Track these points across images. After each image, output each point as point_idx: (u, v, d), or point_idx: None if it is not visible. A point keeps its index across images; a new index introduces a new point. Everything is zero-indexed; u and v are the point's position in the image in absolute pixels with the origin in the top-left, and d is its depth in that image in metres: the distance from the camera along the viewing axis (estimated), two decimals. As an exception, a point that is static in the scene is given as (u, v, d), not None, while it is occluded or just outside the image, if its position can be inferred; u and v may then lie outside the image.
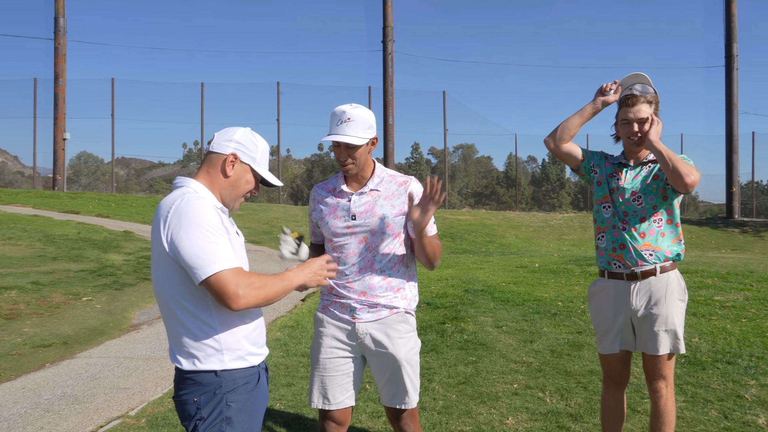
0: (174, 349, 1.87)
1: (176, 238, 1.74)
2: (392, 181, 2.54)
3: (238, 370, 1.84)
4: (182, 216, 1.75)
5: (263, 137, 2.02)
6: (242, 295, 1.72)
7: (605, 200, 2.86)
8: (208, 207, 1.80)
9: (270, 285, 1.80)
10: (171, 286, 1.81)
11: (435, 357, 5.14)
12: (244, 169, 1.95)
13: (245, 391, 1.85)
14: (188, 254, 1.72)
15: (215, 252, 1.72)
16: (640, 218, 2.77)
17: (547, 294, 7.65)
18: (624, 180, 2.83)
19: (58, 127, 23.11)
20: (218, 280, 1.71)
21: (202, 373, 1.81)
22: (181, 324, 1.82)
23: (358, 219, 2.47)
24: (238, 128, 1.98)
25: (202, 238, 1.73)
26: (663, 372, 2.76)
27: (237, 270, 1.74)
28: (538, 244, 18.57)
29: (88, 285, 8.26)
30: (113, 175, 30.20)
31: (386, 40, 24.47)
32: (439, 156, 53.42)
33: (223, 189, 1.94)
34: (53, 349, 5.59)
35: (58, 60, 23.09)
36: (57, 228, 13.28)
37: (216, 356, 1.81)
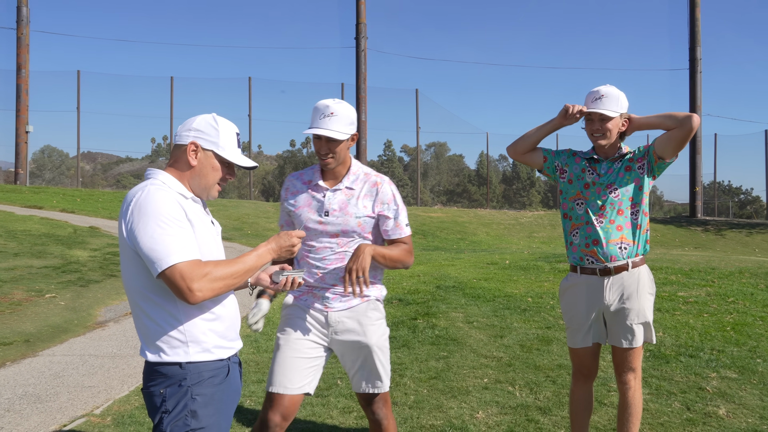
0: (142, 341, 1.85)
1: (135, 231, 1.73)
2: (366, 180, 2.55)
3: (204, 362, 1.81)
4: (141, 208, 1.74)
5: None
6: (196, 288, 1.70)
7: (578, 197, 2.90)
8: (168, 198, 1.77)
9: (230, 272, 1.78)
10: (135, 278, 1.79)
11: (407, 352, 5.16)
12: (207, 155, 1.90)
13: (212, 385, 1.82)
14: (145, 247, 1.71)
15: (170, 245, 1.70)
16: (617, 210, 2.81)
17: (517, 290, 7.74)
18: (599, 175, 2.87)
19: (21, 120, 22.45)
20: (172, 274, 1.69)
21: (167, 365, 1.79)
22: (147, 315, 1.81)
23: (330, 216, 2.48)
24: (199, 116, 1.94)
25: (159, 230, 1.71)
26: (632, 364, 2.82)
27: (192, 263, 1.71)
28: (508, 241, 18.78)
29: (51, 281, 8.05)
30: (78, 169, 29.48)
31: (359, 36, 24.41)
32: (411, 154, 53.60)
33: (191, 179, 1.90)
34: (14, 348, 5.44)
35: (21, 50, 22.42)
36: (19, 223, 12.90)
37: (181, 348, 1.79)
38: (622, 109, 2.82)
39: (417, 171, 29.88)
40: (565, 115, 2.86)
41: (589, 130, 2.87)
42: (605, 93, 2.81)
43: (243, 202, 22.44)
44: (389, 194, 2.54)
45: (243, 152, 2.01)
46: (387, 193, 2.54)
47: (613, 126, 2.81)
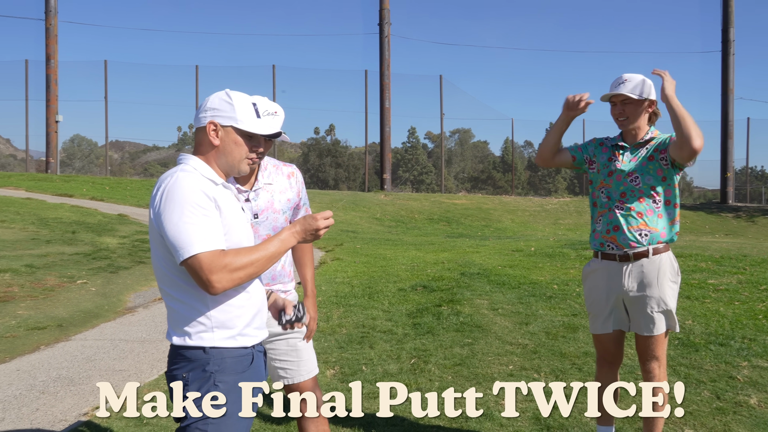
0: (169, 325, 1.87)
1: (161, 217, 1.75)
2: (279, 172, 2.52)
3: (227, 349, 1.81)
4: (169, 195, 1.75)
5: None
6: (215, 280, 1.70)
7: (602, 186, 2.90)
8: (196, 186, 1.77)
9: (251, 260, 1.76)
10: (163, 262, 1.81)
11: (431, 339, 5.16)
12: (227, 132, 1.88)
13: (234, 372, 1.81)
14: (169, 234, 1.72)
15: (193, 234, 1.70)
16: (638, 198, 2.79)
17: (542, 277, 7.67)
18: (621, 162, 2.86)
19: (51, 110, 22.90)
20: (193, 264, 1.70)
21: (191, 349, 1.79)
22: (173, 299, 1.82)
23: (260, 217, 2.44)
24: (212, 95, 1.92)
25: (183, 218, 1.71)
26: (656, 352, 2.79)
27: (213, 253, 1.71)
28: (533, 228, 18.63)
29: (82, 268, 8.24)
30: (107, 158, 30.03)
31: (383, 22, 24.26)
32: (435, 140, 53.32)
33: (217, 159, 1.89)
34: (48, 332, 5.58)
35: (50, 41, 22.82)
36: (50, 211, 13.21)
37: (206, 333, 1.80)
38: (646, 95, 2.79)
39: (441, 158, 29.72)
40: (568, 107, 2.85)
41: (613, 115, 2.88)
42: (628, 78, 2.82)
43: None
44: (302, 183, 2.57)
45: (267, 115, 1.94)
46: (300, 181, 2.56)
47: (636, 109, 2.81)
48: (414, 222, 18.98)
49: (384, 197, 21.84)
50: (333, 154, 45.88)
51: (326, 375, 4.34)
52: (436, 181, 35.28)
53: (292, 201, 2.54)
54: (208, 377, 1.78)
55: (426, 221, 19.21)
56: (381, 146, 24.85)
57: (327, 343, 5.08)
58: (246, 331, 1.87)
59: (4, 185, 18.12)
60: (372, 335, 5.30)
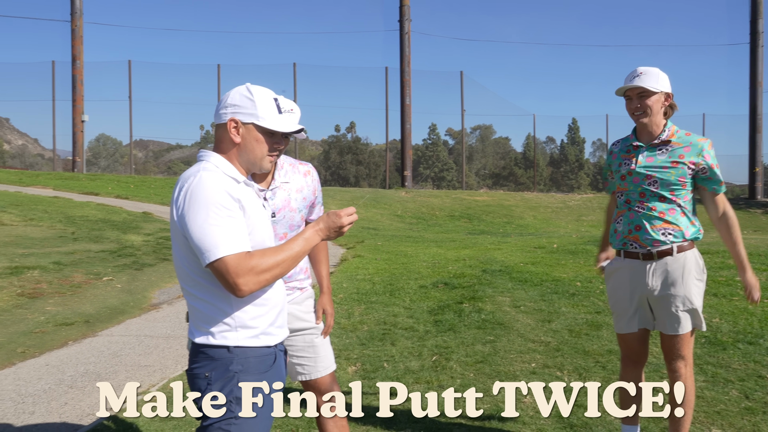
0: (191, 323, 1.86)
1: (185, 219, 1.72)
2: (296, 171, 2.53)
3: (251, 348, 1.80)
4: (193, 195, 1.72)
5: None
6: (242, 283, 1.69)
7: (619, 189, 2.87)
8: (220, 186, 1.74)
9: (277, 261, 1.75)
10: (186, 262, 1.79)
11: (452, 336, 5.14)
12: (249, 129, 1.85)
13: (258, 372, 1.80)
14: (194, 237, 1.70)
15: (219, 236, 1.69)
16: (659, 197, 2.73)
17: (565, 274, 7.59)
18: (636, 163, 2.79)
19: (77, 110, 23.31)
20: (220, 267, 1.69)
21: (215, 348, 1.78)
22: (196, 298, 1.81)
23: (278, 216, 2.44)
24: (233, 90, 1.88)
25: (208, 220, 1.69)
26: (681, 351, 2.73)
27: (239, 256, 1.69)
28: (556, 224, 18.45)
29: (108, 265, 8.38)
30: (131, 157, 30.49)
31: (403, 19, 24.20)
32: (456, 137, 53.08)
33: (238, 157, 1.87)
34: (75, 328, 5.69)
35: (75, 42, 23.21)
36: (77, 209, 13.46)
37: (230, 332, 1.78)
38: (662, 87, 2.73)
39: (462, 154, 29.59)
40: None
41: (629, 109, 2.80)
42: (644, 71, 2.75)
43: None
44: (318, 181, 2.58)
45: (286, 112, 1.90)
46: (316, 180, 2.57)
47: (653, 102, 2.73)
48: (435, 219, 18.94)
49: (405, 194, 21.82)
50: (354, 151, 45.96)
51: (348, 371, 4.36)
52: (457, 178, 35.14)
53: (308, 199, 2.54)
54: (232, 377, 1.76)
55: (447, 218, 19.15)
56: (402, 143, 24.82)
57: (348, 340, 5.09)
58: (269, 330, 1.86)
59: (32, 184, 18.51)
60: (393, 332, 5.30)
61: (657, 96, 2.73)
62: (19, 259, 8.21)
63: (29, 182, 18.85)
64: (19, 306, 6.31)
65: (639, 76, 2.73)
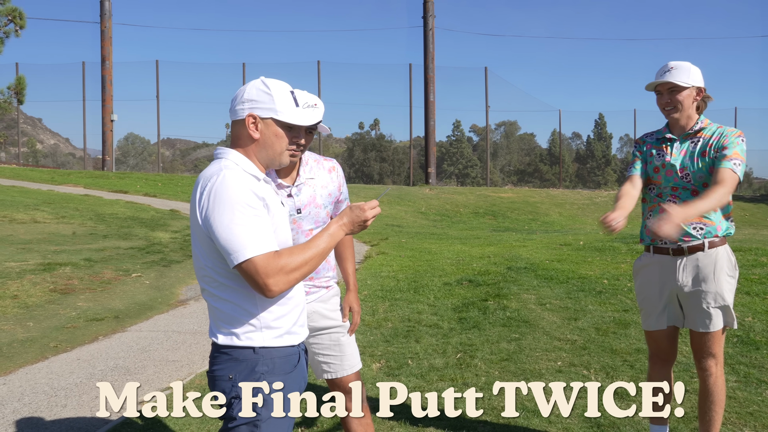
0: (213, 324, 1.82)
1: (210, 219, 1.68)
2: (320, 167, 2.52)
3: (276, 348, 1.78)
4: (217, 195, 1.68)
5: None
6: (272, 283, 1.66)
7: (649, 182, 2.81)
8: (243, 184, 1.71)
9: (305, 259, 1.73)
10: (211, 262, 1.75)
11: (477, 334, 5.11)
12: (267, 124, 1.81)
13: (283, 372, 1.78)
14: (221, 238, 1.66)
15: (246, 237, 1.65)
16: (691, 191, 2.68)
17: (592, 272, 7.49)
18: (671, 155, 2.73)
19: (106, 109, 23.76)
20: (248, 268, 1.65)
21: (240, 349, 1.75)
22: (219, 299, 1.77)
23: (303, 212, 2.44)
24: (248, 84, 1.84)
25: (235, 220, 1.66)
26: (712, 350, 2.67)
27: (268, 256, 1.66)
28: (582, 221, 18.22)
29: (137, 262, 8.53)
30: (159, 155, 30.95)
31: (427, 15, 24.11)
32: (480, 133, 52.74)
33: (257, 153, 1.82)
34: (105, 323, 5.81)
35: (105, 43, 23.65)
36: (107, 207, 13.72)
37: (255, 333, 1.76)
38: (693, 82, 2.68)
39: (486, 151, 29.39)
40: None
41: (660, 104, 2.75)
42: (675, 65, 2.69)
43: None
44: (342, 177, 2.57)
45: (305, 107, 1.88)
46: (341, 175, 2.56)
47: (684, 98, 2.68)
48: (459, 216, 18.85)
49: (429, 191, 21.77)
50: (378, 148, 46.00)
51: (372, 368, 4.36)
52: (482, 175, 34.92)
53: (333, 195, 2.54)
54: (258, 378, 1.74)
55: (471, 215, 19.04)
56: (425, 140, 24.75)
57: (373, 337, 5.10)
58: (293, 329, 1.84)
59: (64, 182, 18.93)
60: (418, 329, 5.29)
61: (688, 91, 2.68)
62: (52, 256, 8.40)
63: (61, 181, 19.28)
64: (52, 301, 6.46)
65: (670, 71, 2.67)
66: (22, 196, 14.32)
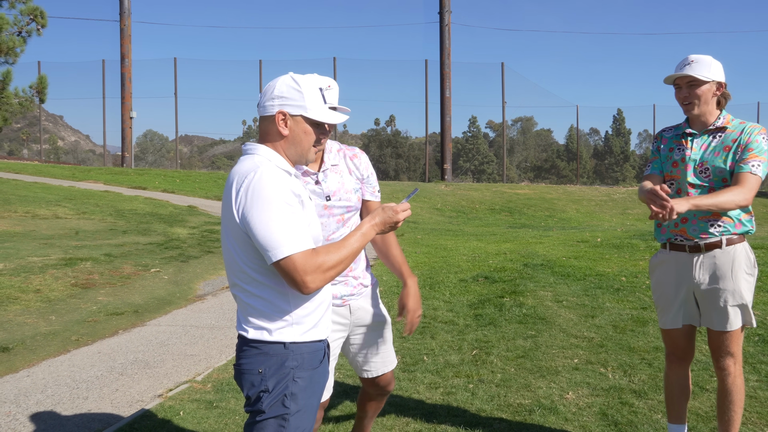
0: (242, 318, 1.83)
1: (248, 216, 1.69)
2: (343, 155, 2.52)
3: (306, 343, 1.80)
4: (255, 191, 1.69)
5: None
6: (309, 281, 1.68)
7: (667, 177, 2.77)
8: (280, 181, 1.72)
9: (341, 257, 1.75)
10: (246, 258, 1.76)
11: (493, 330, 5.10)
12: (297, 121, 1.82)
13: (311, 367, 1.81)
14: (259, 234, 1.68)
15: (285, 234, 1.67)
16: (709, 189, 2.62)
17: (609, 269, 7.43)
18: (691, 150, 2.68)
19: (125, 107, 24.03)
20: (287, 266, 1.67)
21: (270, 344, 1.76)
22: (252, 295, 1.78)
23: (333, 198, 2.43)
24: (278, 80, 1.84)
25: (273, 218, 1.67)
26: (730, 349, 2.63)
27: (306, 254, 1.68)
28: (600, 218, 18.06)
29: (156, 257, 8.63)
30: (177, 152, 31.24)
31: (443, 11, 24.01)
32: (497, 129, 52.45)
33: (286, 149, 1.84)
34: (125, 317, 5.89)
35: (124, 41, 23.89)
36: (126, 203, 13.90)
37: (287, 329, 1.77)
38: (713, 76, 2.62)
39: (503, 147, 29.22)
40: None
41: (678, 98, 2.69)
42: (695, 59, 2.64)
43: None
44: (367, 161, 2.57)
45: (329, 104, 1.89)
46: (365, 160, 2.57)
47: (703, 92, 2.62)
48: (475, 212, 18.78)
49: (445, 187, 21.72)
50: (393, 144, 45.98)
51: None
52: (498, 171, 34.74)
53: (357, 179, 2.54)
54: (288, 372, 1.75)
55: (487, 211, 18.97)
56: (441, 136, 24.69)
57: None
58: (320, 324, 1.86)
59: (84, 179, 19.20)
60: (433, 326, 5.30)
61: (708, 86, 2.63)
62: (73, 251, 8.54)
63: (82, 177, 19.55)
64: (73, 296, 6.57)
65: (690, 64, 2.62)
66: (44, 192, 14.56)
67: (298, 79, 1.83)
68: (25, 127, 49.10)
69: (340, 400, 3.72)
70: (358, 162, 2.53)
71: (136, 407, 3.71)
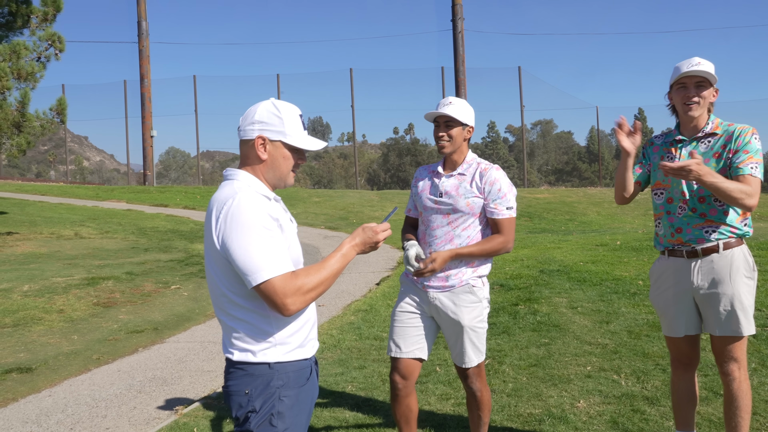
0: (227, 341, 1.86)
1: (227, 241, 1.73)
2: (477, 167, 2.83)
3: (290, 362, 1.83)
4: (233, 218, 1.72)
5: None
6: (290, 303, 1.71)
7: (657, 186, 2.76)
8: (258, 207, 1.75)
9: (321, 279, 1.78)
10: (227, 283, 1.80)
11: (506, 339, 5.09)
12: (276, 146, 1.86)
13: (297, 386, 1.83)
14: (238, 259, 1.71)
15: (263, 258, 1.70)
16: (699, 198, 2.61)
17: (627, 273, 7.35)
18: (680, 158, 2.67)
19: (146, 126, 24.50)
20: (266, 289, 1.70)
21: (255, 365, 1.79)
22: (234, 318, 1.82)
23: (444, 197, 2.80)
24: (259, 105, 1.89)
25: (251, 242, 1.70)
26: (734, 353, 2.60)
27: (285, 277, 1.71)
28: (621, 220, 17.83)
29: (176, 274, 8.78)
30: (199, 168, 31.70)
31: (456, 18, 24.07)
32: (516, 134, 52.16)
33: (265, 173, 1.88)
34: (145, 335, 6.01)
35: (143, 61, 24.41)
36: (148, 221, 14.16)
37: (270, 350, 1.80)
38: (714, 81, 2.63)
39: (523, 151, 29.06)
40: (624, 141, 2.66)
41: (682, 98, 2.64)
42: (701, 61, 2.62)
43: (348, 191, 23.03)
44: (493, 178, 2.79)
45: (312, 134, 1.95)
46: (491, 177, 2.79)
47: (707, 95, 2.62)
48: (495, 218, 18.68)
49: (463, 194, 21.65)
50: (413, 153, 45.99)
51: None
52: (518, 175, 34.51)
53: (477, 191, 2.79)
54: (273, 392, 1.78)
55: (507, 217, 18.83)
56: (459, 143, 24.63)
57: (402, 344, 5.13)
58: (305, 344, 1.89)
59: (108, 198, 19.61)
60: (447, 336, 5.30)
61: (711, 89, 2.64)
62: (96, 270, 8.74)
63: (105, 196, 19.98)
64: (95, 315, 6.73)
65: (698, 64, 2.60)
66: (68, 212, 14.91)
67: (278, 105, 1.87)
68: (52, 149, 50.31)
69: (352, 413, 3.75)
70: (486, 174, 2.78)
71: (152, 425, 3.79)
